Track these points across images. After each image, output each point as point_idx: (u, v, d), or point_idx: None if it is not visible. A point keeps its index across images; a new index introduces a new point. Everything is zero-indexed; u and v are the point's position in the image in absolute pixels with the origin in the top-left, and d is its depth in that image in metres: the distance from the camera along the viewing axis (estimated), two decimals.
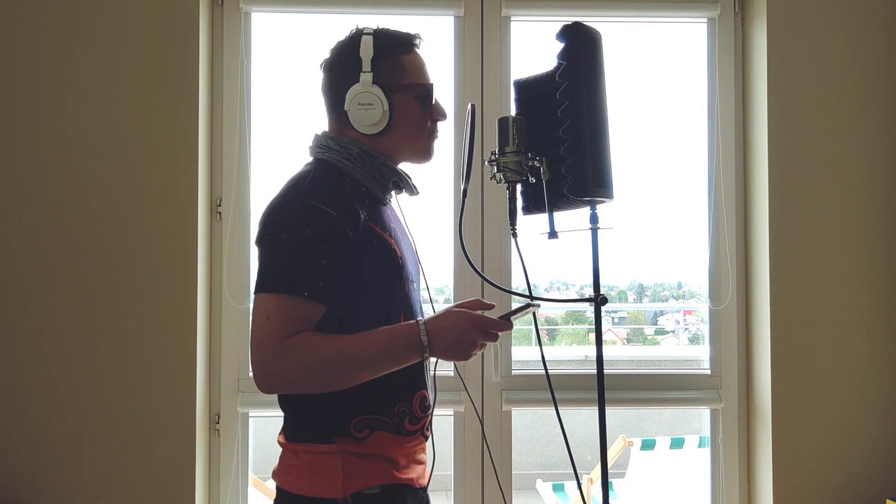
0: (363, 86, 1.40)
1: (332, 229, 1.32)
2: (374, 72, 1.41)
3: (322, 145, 1.45)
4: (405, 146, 1.47)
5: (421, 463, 1.48)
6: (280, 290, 1.29)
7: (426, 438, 1.48)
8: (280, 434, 1.44)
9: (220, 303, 2.27)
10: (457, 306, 1.44)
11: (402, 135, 1.45)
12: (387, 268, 1.40)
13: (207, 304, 2.25)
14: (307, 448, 1.38)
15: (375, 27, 1.46)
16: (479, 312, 1.39)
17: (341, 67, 1.45)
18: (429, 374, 1.49)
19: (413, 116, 1.45)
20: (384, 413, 1.39)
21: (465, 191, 1.49)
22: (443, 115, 1.50)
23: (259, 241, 1.36)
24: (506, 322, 1.37)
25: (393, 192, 1.51)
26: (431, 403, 1.49)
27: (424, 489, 1.49)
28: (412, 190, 1.52)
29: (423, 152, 1.50)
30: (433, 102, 1.48)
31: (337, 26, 1.50)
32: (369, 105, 1.40)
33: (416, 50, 1.48)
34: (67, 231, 2.15)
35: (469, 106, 1.48)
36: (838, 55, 2.27)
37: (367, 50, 1.41)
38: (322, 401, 1.35)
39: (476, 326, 1.34)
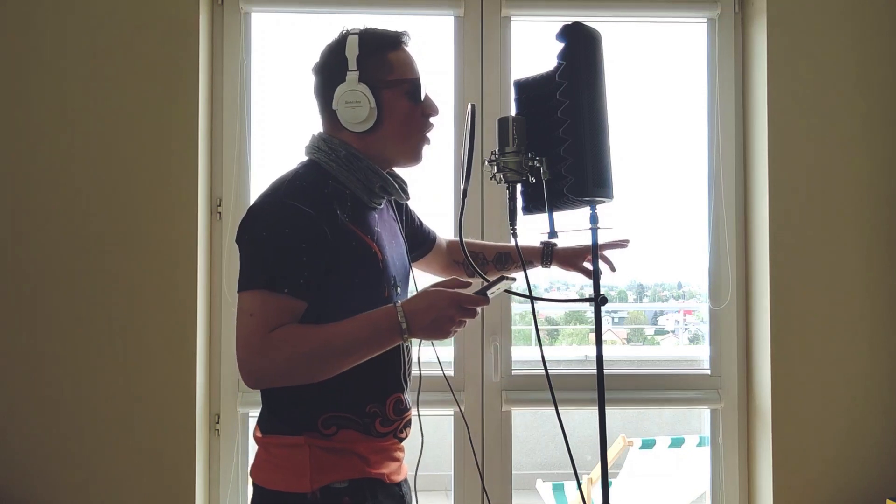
0: (349, 84, 1.40)
1: (310, 227, 1.33)
2: (360, 70, 1.40)
3: (314, 146, 1.46)
4: (395, 145, 1.46)
5: (396, 460, 1.47)
6: (261, 286, 1.30)
7: (400, 441, 1.48)
8: (255, 427, 1.45)
9: (219, 303, 2.27)
10: (433, 285, 1.41)
11: (392, 132, 1.44)
12: (366, 269, 1.40)
13: (207, 305, 2.25)
14: (278, 440, 1.39)
15: (362, 27, 1.45)
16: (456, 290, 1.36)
17: (329, 68, 1.45)
18: (408, 377, 1.49)
19: (402, 113, 1.44)
20: (353, 412, 1.39)
21: (465, 191, 1.49)
22: (435, 111, 1.49)
23: (239, 241, 1.37)
24: (482, 297, 1.34)
25: (385, 198, 1.49)
26: (408, 407, 1.48)
27: (399, 485, 1.47)
28: (401, 196, 1.51)
29: (412, 153, 1.48)
30: (423, 97, 1.46)
31: (337, 26, 1.49)
32: (356, 103, 1.39)
33: (404, 47, 1.47)
34: (68, 231, 2.15)
35: (469, 106, 1.48)
36: (838, 55, 2.27)
37: (352, 49, 1.41)
38: (293, 395, 1.35)
39: (452, 303, 1.31)
